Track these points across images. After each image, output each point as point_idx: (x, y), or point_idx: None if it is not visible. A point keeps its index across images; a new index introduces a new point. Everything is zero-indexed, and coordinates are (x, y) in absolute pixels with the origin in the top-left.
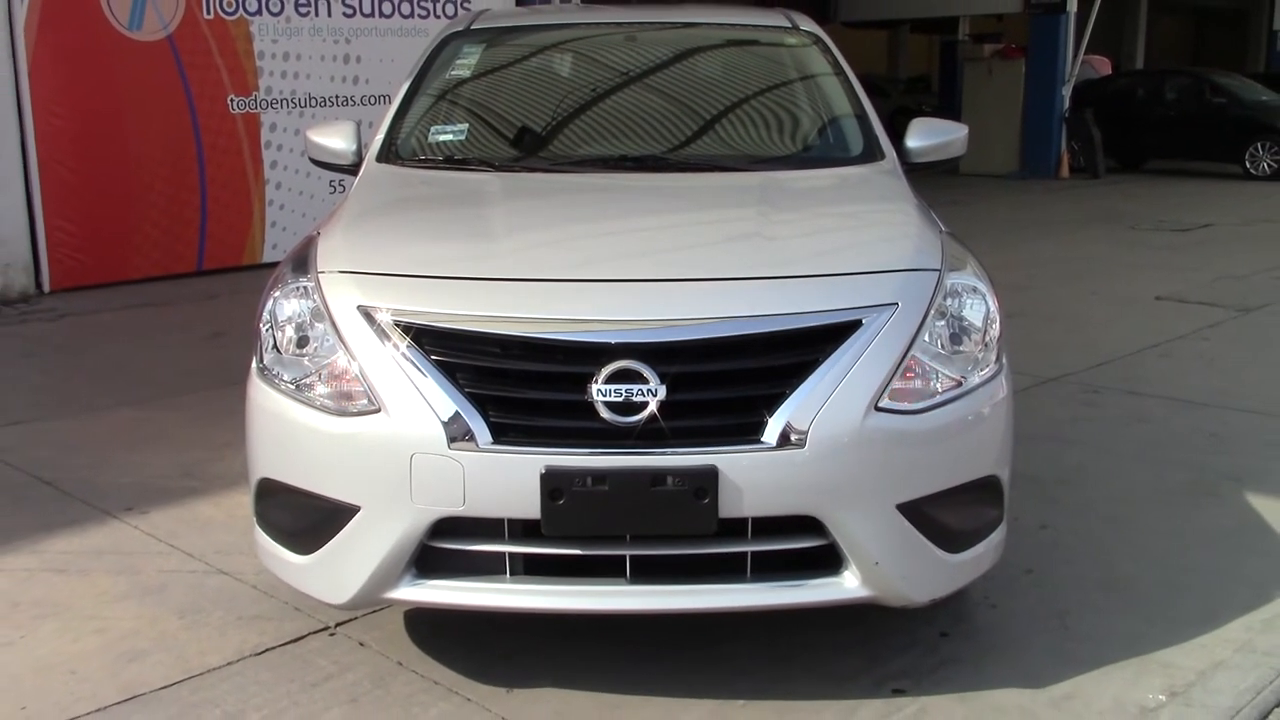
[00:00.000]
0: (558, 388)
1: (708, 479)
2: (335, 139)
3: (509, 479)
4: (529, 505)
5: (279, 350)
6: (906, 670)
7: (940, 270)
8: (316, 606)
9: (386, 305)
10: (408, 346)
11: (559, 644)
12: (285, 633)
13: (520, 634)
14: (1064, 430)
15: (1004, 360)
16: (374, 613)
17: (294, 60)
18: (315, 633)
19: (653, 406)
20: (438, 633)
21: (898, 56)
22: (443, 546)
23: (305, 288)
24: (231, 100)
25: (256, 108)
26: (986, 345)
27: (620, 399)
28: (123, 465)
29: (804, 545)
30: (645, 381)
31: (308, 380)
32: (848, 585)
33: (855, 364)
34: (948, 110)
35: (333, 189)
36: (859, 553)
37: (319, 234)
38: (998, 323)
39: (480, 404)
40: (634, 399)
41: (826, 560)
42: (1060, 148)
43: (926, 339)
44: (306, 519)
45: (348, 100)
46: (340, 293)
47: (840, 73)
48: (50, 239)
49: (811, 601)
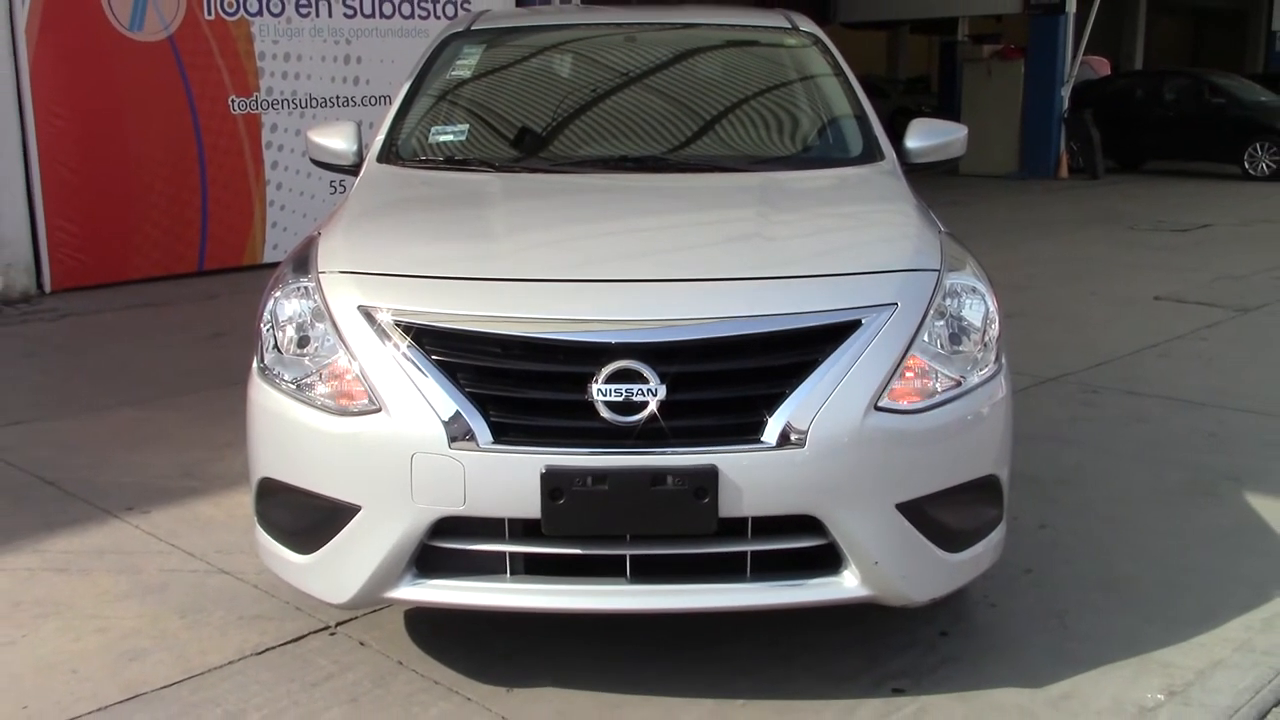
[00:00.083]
0: (558, 387)
1: (708, 479)
2: (336, 139)
3: (509, 479)
4: (529, 505)
5: (280, 350)
6: (906, 669)
7: (939, 270)
8: (317, 606)
9: (387, 305)
10: (408, 346)
11: (559, 643)
12: (286, 632)
13: (520, 633)
14: (1063, 430)
15: (1003, 360)
16: (374, 612)
17: (295, 61)
18: (316, 632)
19: (653, 406)
20: (438, 632)
21: (897, 57)
22: (443, 546)
23: (306, 288)
24: (232, 101)
25: (257, 108)
26: (986, 345)
27: (620, 399)
28: (124, 465)
29: (804, 545)
30: (645, 381)
31: (308, 380)
32: (847, 585)
33: (855, 364)
34: (947, 111)
35: (333, 189)
36: (858, 552)
37: (320, 234)
38: (997, 323)
39: (481, 404)
40: (634, 399)
41: (826, 560)
42: (1059, 148)
43: (926, 339)
44: (307, 519)
45: (348, 101)
46: (341, 293)
47: (840, 73)
48: (51, 239)
49: (811, 601)
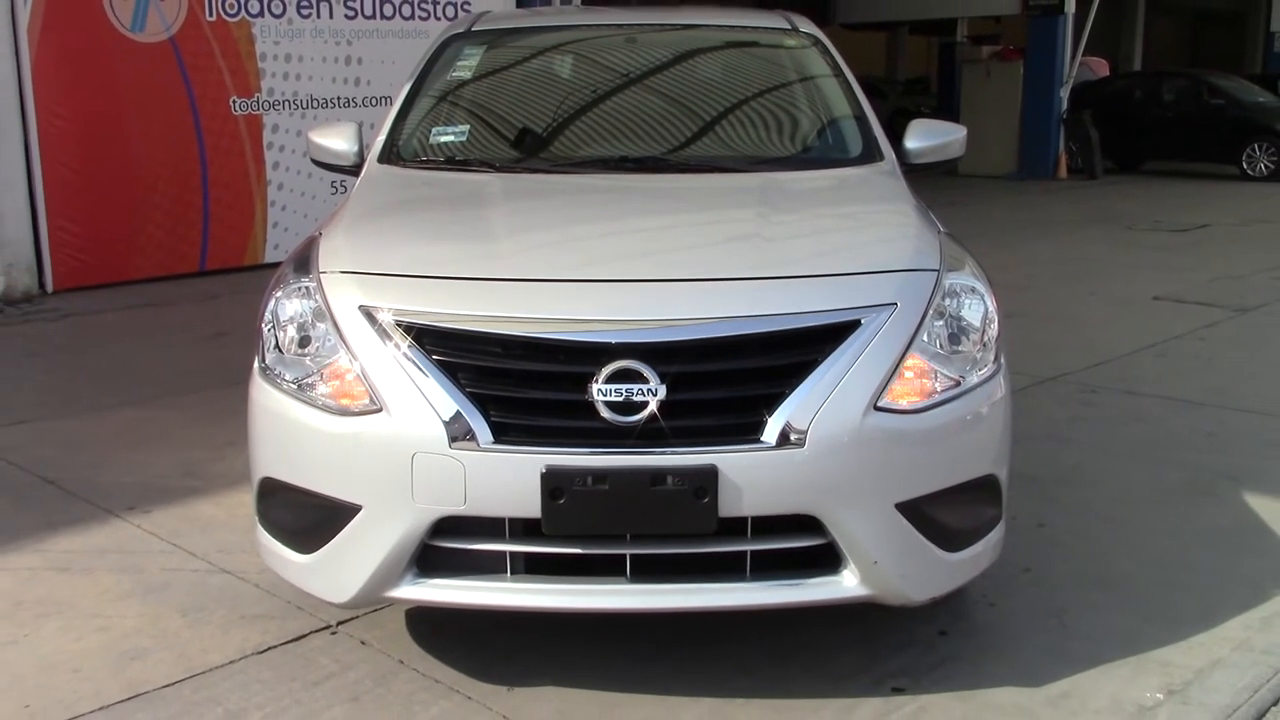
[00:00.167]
0: (558, 387)
1: (707, 478)
2: (337, 140)
3: (510, 478)
4: (529, 504)
5: (281, 350)
6: (905, 669)
7: (939, 270)
8: (318, 605)
9: (388, 305)
10: (409, 346)
11: (559, 642)
12: (287, 631)
13: (521, 633)
14: (1062, 430)
15: (1002, 360)
16: (375, 611)
17: (296, 62)
18: (317, 631)
19: (653, 406)
20: (439, 631)
21: (896, 58)
22: (444, 545)
23: (307, 288)
24: (234, 101)
25: (258, 109)
26: (985, 345)
27: (620, 399)
28: (125, 464)
29: (803, 544)
30: (645, 381)
31: (309, 380)
32: (847, 584)
33: (854, 364)
34: (946, 111)
35: (334, 190)
36: (858, 552)
37: (321, 234)
38: (996, 322)
39: (481, 404)
40: (634, 399)
41: (825, 559)
42: (1058, 149)
43: (925, 339)
44: (308, 518)
45: (349, 101)
46: (342, 293)
47: (839, 74)
48: (53, 239)
49: (810, 600)
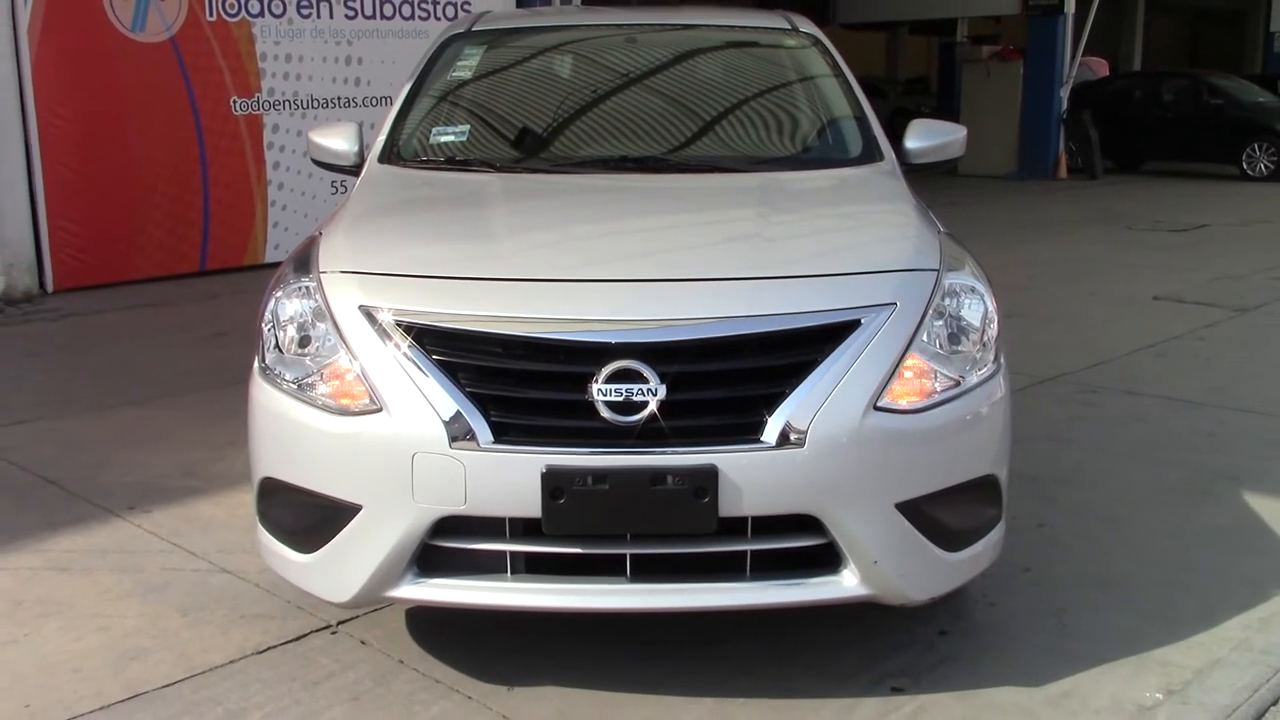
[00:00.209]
0: (558, 387)
1: (707, 478)
2: (337, 140)
3: (510, 478)
4: (530, 504)
5: (281, 350)
6: (905, 668)
7: (938, 270)
8: (318, 605)
9: (388, 305)
10: (409, 346)
11: (560, 642)
12: (287, 631)
13: (521, 632)
14: (1062, 430)
15: (1002, 360)
16: (375, 611)
17: (296, 62)
18: (317, 631)
19: (653, 406)
20: (439, 631)
21: (896, 58)
22: (444, 545)
23: (307, 288)
24: (234, 102)
25: (259, 109)
26: (985, 345)
27: (620, 398)
28: (126, 464)
29: (803, 544)
30: (645, 381)
31: (310, 380)
32: (847, 584)
33: (854, 364)
34: (946, 111)
35: (334, 190)
36: (858, 551)
37: (321, 234)
38: (996, 322)
39: (481, 403)
40: (634, 398)
41: (825, 559)
42: (1058, 149)
43: (925, 339)
44: (308, 518)
45: (349, 102)
46: (342, 293)
47: (839, 74)
48: (53, 239)
49: (810, 600)
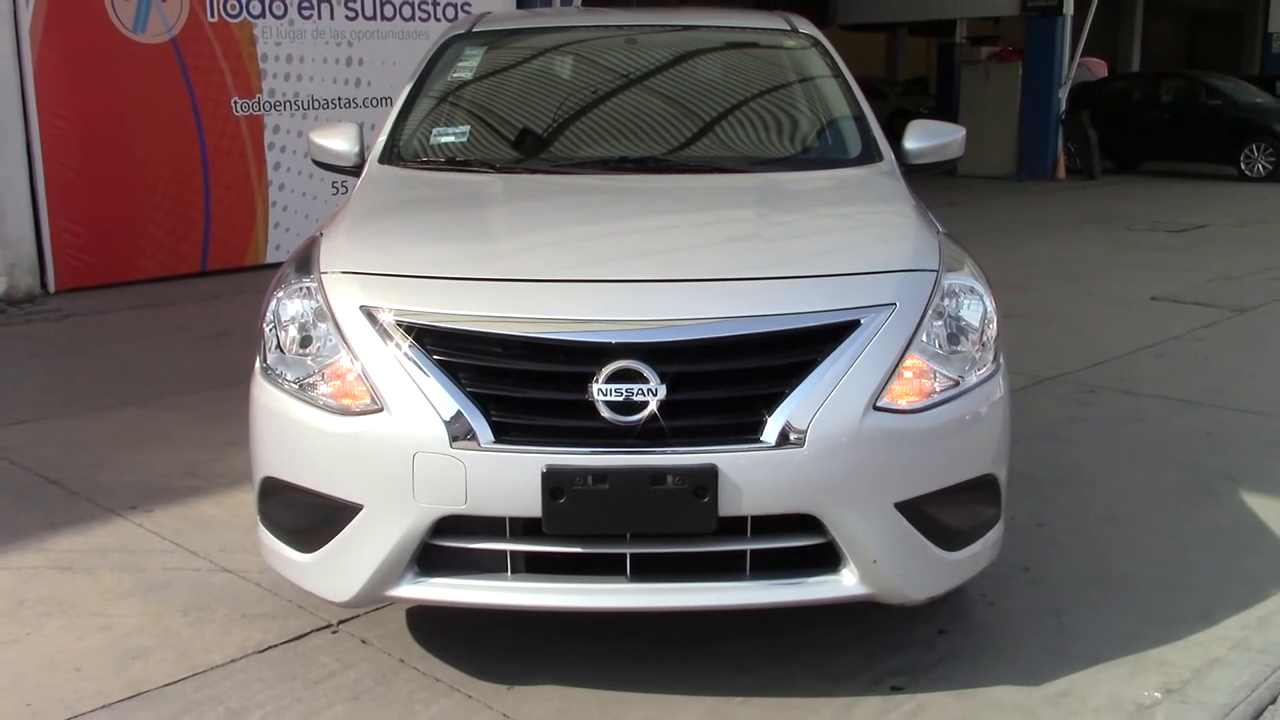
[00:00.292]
0: (559, 387)
1: (707, 478)
2: (338, 141)
3: (510, 478)
4: (530, 504)
5: (282, 350)
6: (904, 667)
7: (938, 271)
8: (319, 604)
9: (389, 305)
10: (410, 346)
11: (560, 641)
12: (288, 630)
13: (521, 631)
14: (1061, 430)
15: (1001, 360)
16: (376, 610)
17: (297, 63)
18: (318, 630)
19: (653, 406)
20: (439, 630)
21: (896, 59)
22: (444, 545)
23: (308, 288)
24: (235, 102)
25: (260, 110)
26: (984, 345)
27: (621, 398)
28: (127, 464)
29: (803, 543)
30: (645, 381)
31: (311, 380)
32: (846, 583)
33: (854, 364)
34: (945, 112)
35: (335, 190)
36: (857, 551)
37: (322, 235)
38: (995, 323)
39: (482, 403)
40: (634, 398)
41: (825, 558)
42: (1057, 149)
43: (924, 339)
44: (309, 517)
45: (350, 102)
46: (343, 293)
47: (839, 75)
48: (55, 240)
49: (810, 599)
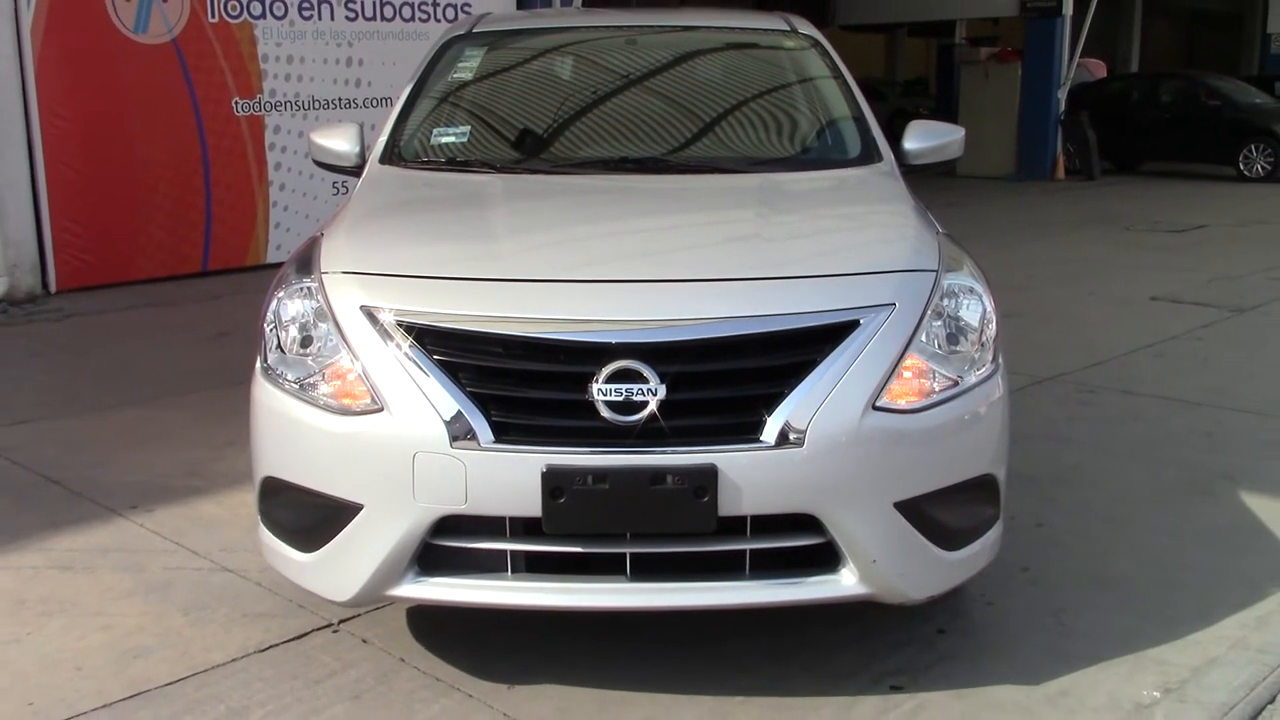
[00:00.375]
0: (559, 387)
1: (707, 477)
2: (338, 141)
3: (510, 477)
4: (530, 503)
5: (283, 350)
6: (904, 667)
7: (937, 271)
8: (320, 604)
9: (389, 305)
10: (410, 346)
11: (560, 641)
12: (289, 629)
13: (521, 631)
14: (1060, 429)
15: (1000, 360)
16: (377, 610)
17: (297, 63)
18: (318, 630)
19: (653, 406)
20: (440, 630)
21: (895, 60)
22: (445, 544)
23: (309, 288)
24: (236, 103)
25: (260, 110)
26: (983, 345)
27: (620, 398)
28: (128, 464)
29: (802, 543)
30: (645, 381)
31: (311, 380)
32: (845, 583)
33: (853, 364)
34: (945, 113)
35: (336, 191)
36: (857, 550)
37: (322, 235)
38: (994, 323)
39: (482, 403)
40: (634, 398)
41: (824, 558)
42: (1056, 150)
43: (924, 339)
44: (310, 517)
45: (350, 103)
46: (343, 293)
47: (838, 75)
48: (56, 240)
49: (809, 599)
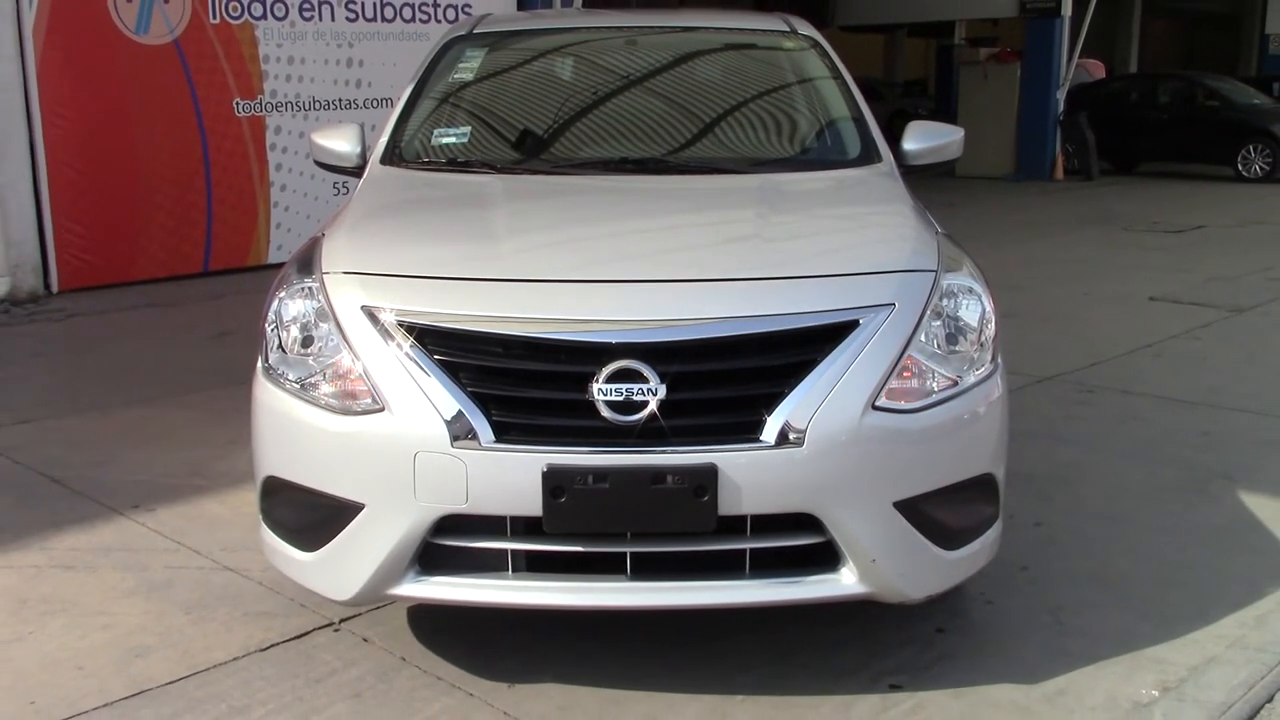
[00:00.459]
0: (559, 387)
1: (707, 477)
2: (339, 142)
3: (511, 477)
4: (531, 503)
5: (284, 350)
6: (903, 666)
7: (936, 271)
8: (321, 603)
9: (390, 305)
10: (411, 346)
11: (561, 639)
12: (290, 629)
13: (522, 630)
14: (1058, 429)
15: (999, 360)
16: (378, 609)
17: (298, 64)
18: (320, 629)
19: (653, 405)
20: (440, 629)
21: (895, 60)
22: (446, 543)
23: (310, 288)
24: (237, 103)
25: (261, 111)
26: (982, 345)
27: (621, 398)
28: (130, 463)
29: (802, 542)
30: (645, 381)
31: (312, 380)
32: (845, 582)
33: (853, 364)
34: (944, 113)
35: (336, 191)
36: (856, 550)
37: (323, 235)
38: (993, 323)
39: (483, 403)
40: (634, 398)
41: (824, 557)
42: (1055, 150)
43: (923, 339)
44: (311, 516)
45: (351, 103)
46: (344, 293)
47: (838, 76)
48: (58, 240)
49: (809, 598)
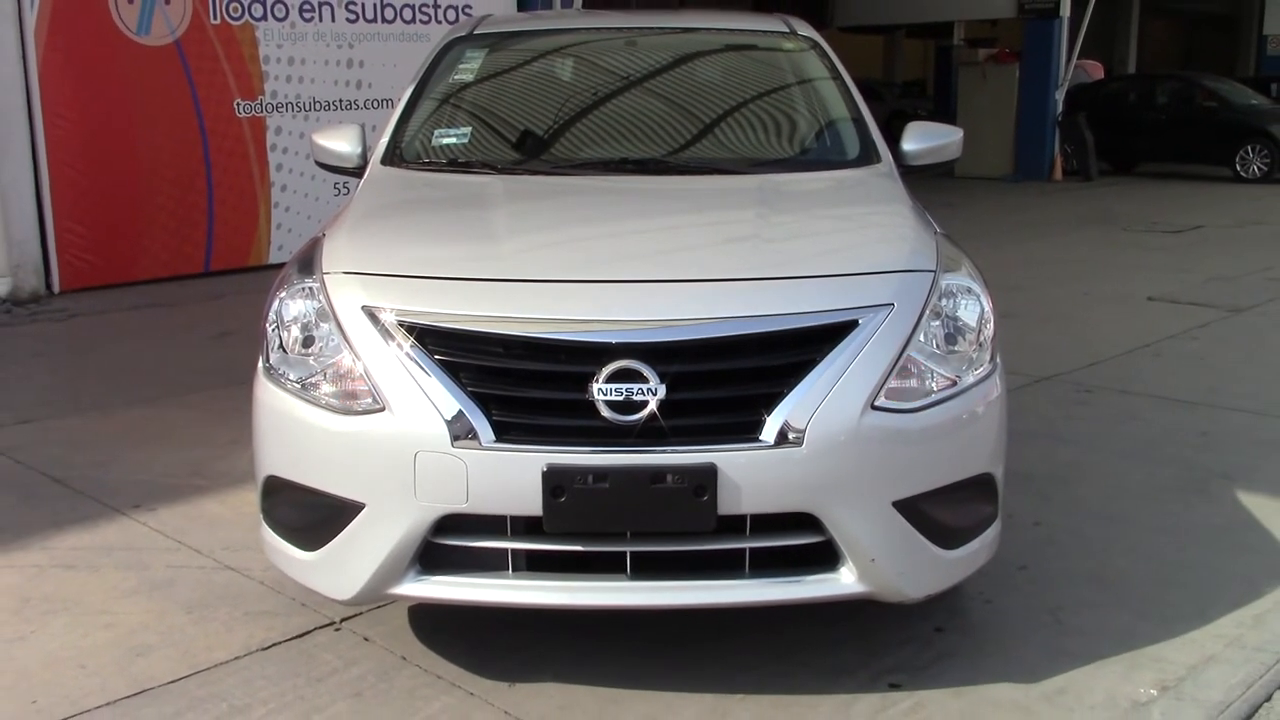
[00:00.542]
0: (559, 387)
1: (707, 477)
2: (340, 142)
3: (511, 477)
4: (531, 502)
5: (285, 350)
6: (902, 665)
7: (935, 271)
8: (322, 602)
9: (391, 305)
10: (411, 346)
11: (561, 639)
12: (291, 628)
13: (522, 629)
14: (1057, 428)
15: (998, 360)
16: (378, 608)
17: (299, 65)
18: (321, 628)
19: (653, 405)
20: (441, 628)
21: (894, 61)
22: (446, 543)
23: (311, 288)
24: (238, 104)
25: (262, 111)
26: (981, 345)
27: (621, 398)
28: (131, 463)
29: (802, 542)
30: (645, 381)
31: (313, 379)
32: (844, 581)
33: (852, 363)
34: (943, 114)
35: (337, 191)
36: (856, 549)
37: (324, 235)
38: (992, 323)
39: (483, 403)
40: (634, 398)
41: (824, 556)
42: (1053, 151)
43: (922, 339)
44: (312, 516)
45: (352, 104)
46: (345, 293)
47: (837, 77)
48: (60, 240)
49: (809, 597)
